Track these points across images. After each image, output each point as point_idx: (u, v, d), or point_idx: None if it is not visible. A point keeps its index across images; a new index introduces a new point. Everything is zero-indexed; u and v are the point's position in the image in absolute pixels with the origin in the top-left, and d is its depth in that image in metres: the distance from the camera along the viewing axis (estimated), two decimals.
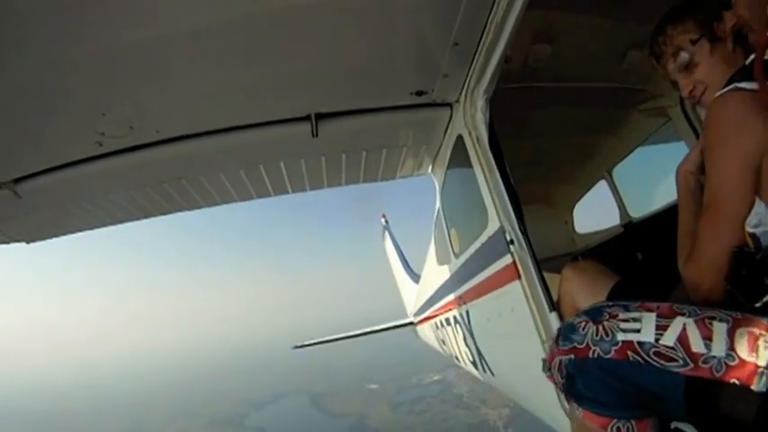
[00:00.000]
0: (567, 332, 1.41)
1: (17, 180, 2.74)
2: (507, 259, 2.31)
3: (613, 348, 1.29)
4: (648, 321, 1.29)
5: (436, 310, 5.08)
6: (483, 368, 3.58)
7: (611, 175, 4.58)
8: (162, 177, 3.08)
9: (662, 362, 1.21)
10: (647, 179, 4.43)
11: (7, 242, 3.55)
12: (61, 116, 2.26)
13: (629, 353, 1.26)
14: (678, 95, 2.00)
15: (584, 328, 1.37)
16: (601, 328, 1.33)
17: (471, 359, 3.87)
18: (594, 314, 1.39)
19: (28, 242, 3.67)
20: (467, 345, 3.78)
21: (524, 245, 2.22)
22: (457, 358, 4.79)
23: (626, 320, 1.32)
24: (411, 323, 7.81)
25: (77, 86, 2.06)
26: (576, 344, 1.36)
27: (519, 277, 2.23)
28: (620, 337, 1.29)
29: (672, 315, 1.28)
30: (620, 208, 4.58)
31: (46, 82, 1.98)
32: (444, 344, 5.27)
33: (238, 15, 1.86)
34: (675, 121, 3.46)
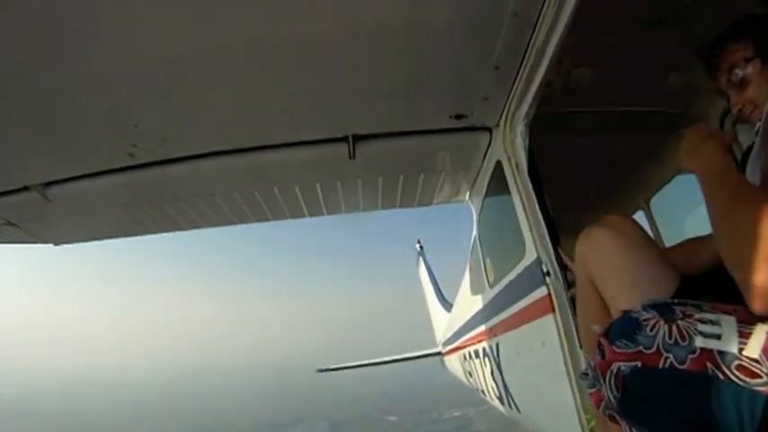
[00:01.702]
0: (628, 329, 1.13)
1: (47, 184, 2.78)
2: (542, 291, 2.23)
3: (690, 357, 1.02)
4: (729, 326, 1.04)
5: (465, 341, 4.94)
6: (509, 404, 3.46)
7: (648, 205, 4.42)
8: (195, 192, 3.10)
9: (745, 378, 0.97)
10: (683, 209, 4.22)
11: (35, 242, 3.61)
12: (94, 125, 2.30)
13: (708, 364, 1.00)
14: (719, 118, 2.01)
15: (653, 328, 1.09)
16: (675, 328, 1.06)
17: (497, 394, 3.75)
18: (665, 310, 1.12)
19: (56, 244, 3.72)
20: (494, 378, 3.66)
21: (560, 277, 2.14)
22: (483, 392, 4.64)
23: (703, 322, 1.07)
24: (439, 353, 7.61)
25: (111, 97, 2.11)
26: (642, 347, 1.08)
27: (553, 311, 2.14)
28: (699, 343, 1.02)
29: (752, 321, 1.03)
30: (655, 239, 4.36)
31: (81, 91, 2.02)
32: (471, 376, 5.12)
33: (278, 34, 1.88)
34: None
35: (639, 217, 4.53)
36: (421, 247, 10.13)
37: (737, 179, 1.19)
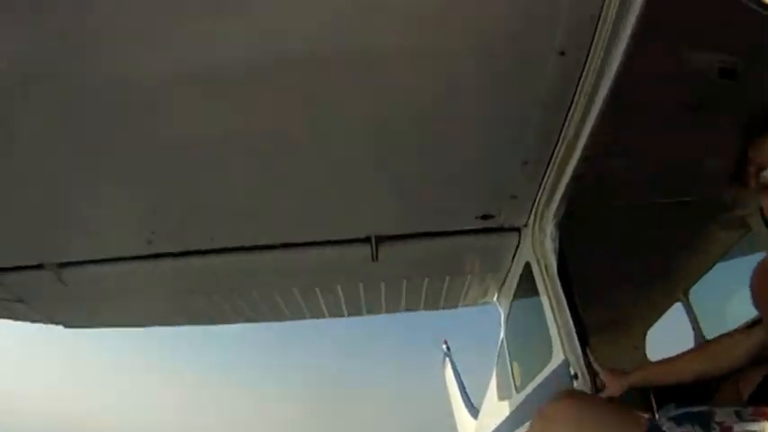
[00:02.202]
0: None
1: (62, 265, 2.71)
2: None
3: None
4: None
5: None
6: None
7: (687, 297, 4.17)
8: (212, 287, 3.04)
9: None
10: (724, 298, 3.94)
11: (44, 323, 3.51)
12: (111, 209, 2.28)
13: None
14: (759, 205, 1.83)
15: None
16: None
17: None
18: (701, 422, 1.02)
19: (66, 327, 3.62)
20: None
21: (589, 380, 2.00)
22: None
23: None
24: None
25: (131, 184, 2.09)
26: None
27: None
28: None
29: None
30: (695, 331, 4.07)
31: (98, 173, 2.01)
32: None
33: (301, 131, 1.87)
34: (756, 231, 3.19)
35: (678, 309, 4.28)
36: (448, 348, 9.58)
37: None
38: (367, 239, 2.62)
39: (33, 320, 3.50)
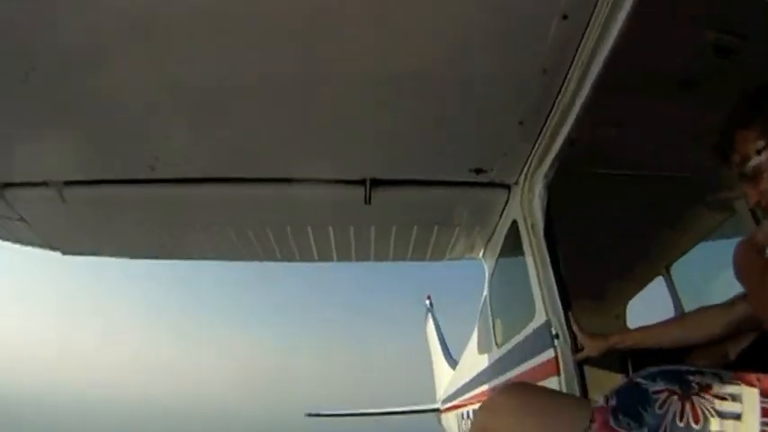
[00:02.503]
0: (631, 403, 1.00)
1: (66, 183, 2.73)
2: (549, 354, 2.17)
3: None
4: (751, 402, 0.91)
5: (466, 400, 4.81)
6: None
7: (669, 272, 4.28)
8: (209, 219, 3.08)
9: None
10: (706, 276, 4.09)
11: (43, 247, 3.53)
12: (120, 131, 2.29)
13: None
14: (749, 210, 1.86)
15: (663, 404, 0.95)
16: (689, 407, 0.92)
17: None
18: (677, 380, 0.99)
19: (64, 253, 3.63)
20: None
21: (569, 340, 2.08)
22: None
23: (722, 398, 0.93)
24: (437, 410, 7.42)
25: (139, 106, 2.10)
26: (647, 429, 0.93)
27: (558, 374, 2.08)
28: (715, 426, 0.89)
29: None
30: (675, 306, 4.21)
31: (111, 94, 2.02)
32: None
33: (307, 72, 1.88)
34: (741, 214, 3.23)
35: (659, 283, 4.40)
36: (431, 303, 10.13)
37: None
38: (362, 182, 2.65)
39: (33, 244, 3.51)
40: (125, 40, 1.74)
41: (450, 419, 6.25)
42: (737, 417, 0.90)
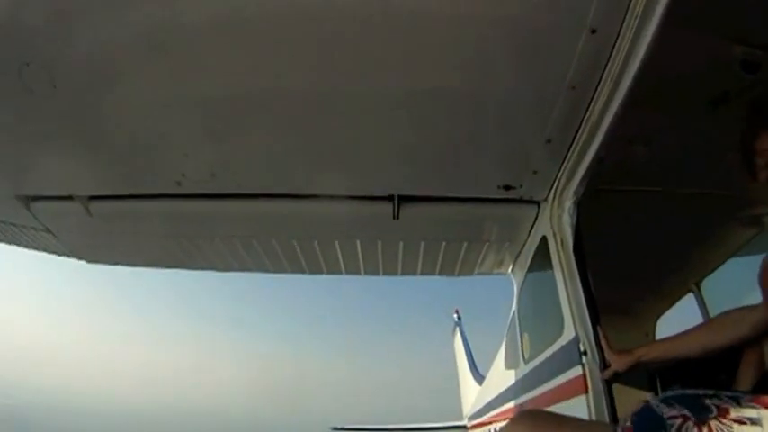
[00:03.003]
0: (647, 428, 1.01)
1: (92, 198, 2.79)
2: (577, 371, 2.15)
3: None
4: None
5: (493, 417, 4.75)
6: None
7: (699, 288, 4.22)
8: (235, 232, 3.12)
9: None
10: (736, 292, 3.86)
11: (69, 256, 3.62)
12: (146, 147, 2.35)
13: None
14: None
15: (679, 429, 0.96)
16: (706, 430, 0.93)
17: None
18: (694, 405, 0.99)
19: (89, 262, 3.71)
20: None
21: (597, 357, 2.05)
22: None
23: (741, 422, 0.93)
24: (464, 426, 7.30)
25: (166, 123, 2.16)
26: None
27: (586, 391, 2.05)
28: None
29: None
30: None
31: (137, 113, 2.09)
32: None
33: (337, 87, 1.92)
34: None
35: (689, 299, 4.35)
36: (459, 317, 10.03)
37: None
38: (390, 198, 2.67)
39: (58, 253, 3.62)
40: (143, 55, 1.79)
41: None
42: None
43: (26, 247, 3.64)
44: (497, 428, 4.45)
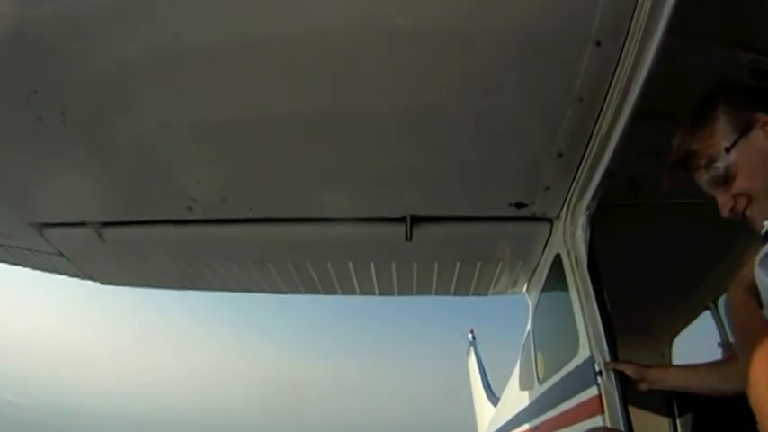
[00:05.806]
0: None
1: (104, 224, 2.83)
2: (593, 391, 2.10)
3: None
4: None
5: None
6: None
7: (716, 306, 4.13)
8: (248, 255, 3.14)
9: None
10: None
11: (82, 278, 3.67)
12: (156, 173, 2.38)
13: None
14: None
15: None
16: None
17: None
18: None
19: (102, 283, 3.77)
20: None
21: (613, 377, 2.01)
22: None
23: None
24: None
25: (176, 150, 2.19)
26: None
27: (602, 412, 2.00)
28: None
29: None
30: (722, 345, 3.99)
31: (146, 139, 2.11)
32: None
33: (345, 108, 1.93)
34: None
35: (706, 317, 4.27)
36: (473, 336, 9.85)
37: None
38: (402, 219, 2.66)
39: (72, 275, 3.69)
40: (152, 81, 1.82)
41: None
42: None
43: (41, 269, 3.72)
44: None
